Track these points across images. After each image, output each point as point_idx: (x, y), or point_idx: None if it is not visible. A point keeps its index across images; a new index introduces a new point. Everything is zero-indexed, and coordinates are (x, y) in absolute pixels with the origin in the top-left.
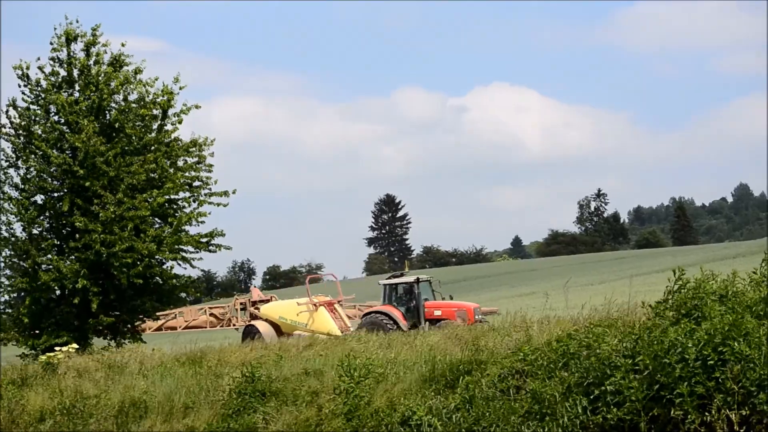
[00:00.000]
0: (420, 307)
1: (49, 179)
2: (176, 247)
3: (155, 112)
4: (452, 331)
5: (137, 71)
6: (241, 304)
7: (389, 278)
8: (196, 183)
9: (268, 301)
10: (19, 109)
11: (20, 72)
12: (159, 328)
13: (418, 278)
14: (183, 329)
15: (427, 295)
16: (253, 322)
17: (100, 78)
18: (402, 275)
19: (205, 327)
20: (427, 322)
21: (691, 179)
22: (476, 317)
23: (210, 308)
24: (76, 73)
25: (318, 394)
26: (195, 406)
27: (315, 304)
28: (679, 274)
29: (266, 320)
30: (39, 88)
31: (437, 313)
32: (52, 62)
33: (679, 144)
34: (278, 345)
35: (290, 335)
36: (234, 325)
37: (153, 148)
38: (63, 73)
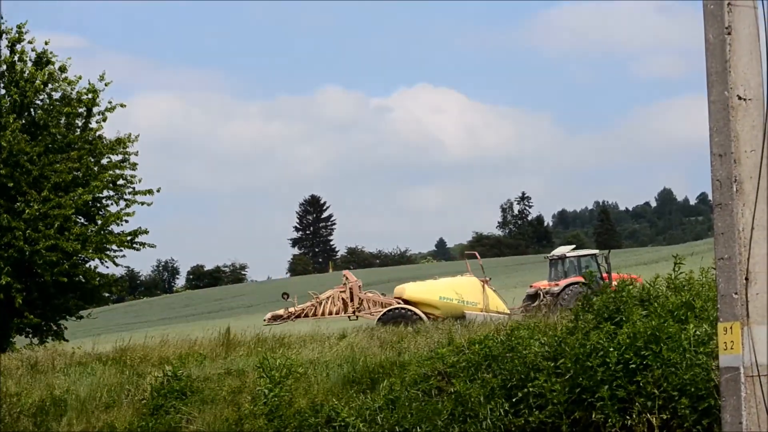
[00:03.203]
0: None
1: None
2: (101, 245)
3: (80, 110)
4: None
5: (62, 69)
6: (341, 291)
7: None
8: (120, 181)
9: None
10: None
11: None
12: (299, 315)
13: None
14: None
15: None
16: (396, 306)
17: (24, 75)
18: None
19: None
20: None
21: (614, 183)
22: None
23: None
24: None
25: (239, 393)
26: (116, 405)
27: (485, 281)
28: (589, 277)
29: (411, 302)
30: None
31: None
32: None
33: (601, 147)
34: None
35: (440, 318)
36: (357, 314)
37: (77, 146)
38: None
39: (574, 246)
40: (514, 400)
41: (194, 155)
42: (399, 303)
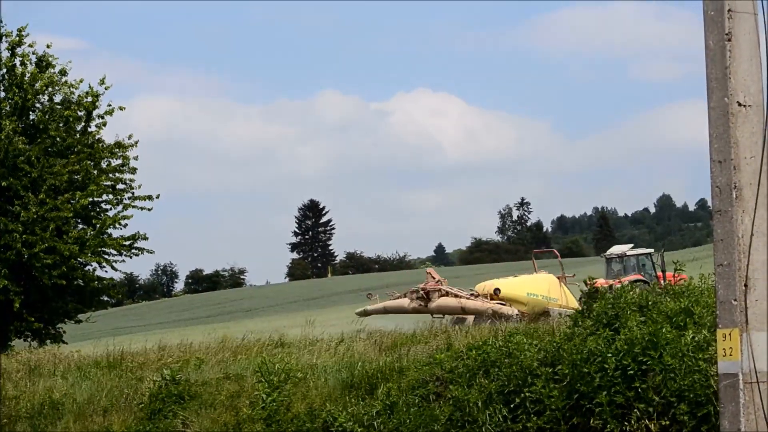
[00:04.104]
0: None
1: None
2: (99, 249)
3: (80, 113)
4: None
5: (63, 72)
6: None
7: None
8: (120, 186)
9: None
10: None
11: None
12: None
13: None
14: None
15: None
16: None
17: (25, 79)
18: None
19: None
20: None
21: (614, 189)
22: None
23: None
24: (0, 73)
25: (237, 397)
26: (114, 409)
27: (562, 278)
28: (591, 283)
29: (504, 299)
30: None
31: None
32: None
33: (600, 152)
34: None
35: (526, 315)
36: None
37: (77, 149)
38: None
39: (632, 245)
40: (512, 405)
41: (193, 158)
42: (493, 301)
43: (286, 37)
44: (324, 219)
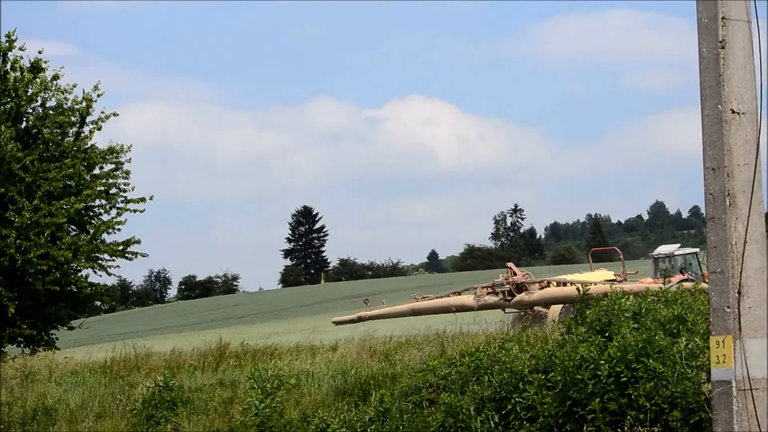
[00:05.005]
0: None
1: None
2: (93, 255)
3: (73, 119)
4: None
5: (55, 77)
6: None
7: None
8: (113, 190)
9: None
10: None
11: None
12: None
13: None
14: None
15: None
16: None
17: (18, 84)
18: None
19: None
20: None
21: (607, 196)
22: None
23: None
24: None
25: (230, 404)
26: (107, 415)
27: (624, 274)
28: (584, 291)
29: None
30: None
31: None
32: None
33: (593, 160)
34: None
35: None
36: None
37: (70, 155)
38: None
39: (679, 245)
40: (504, 412)
41: (187, 165)
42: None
43: (279, 45)
44: (317, 225)
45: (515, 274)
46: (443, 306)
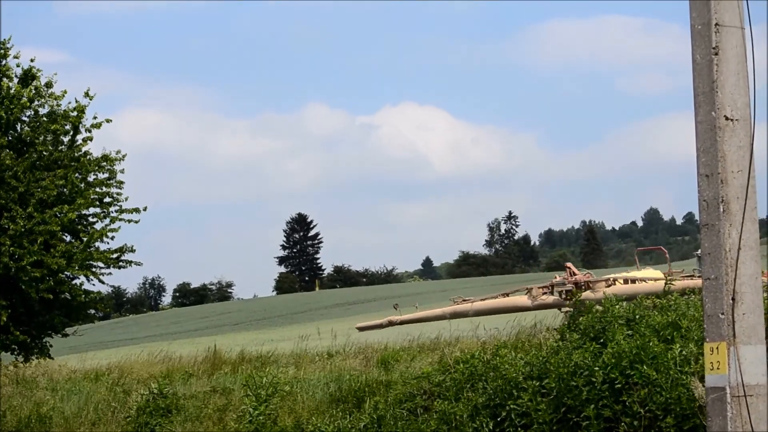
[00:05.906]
0: None
1: None
2: (86, 263)
3: (66, 126)
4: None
5: (48, 85)
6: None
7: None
8: (107, 199)
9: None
10: None
11: None
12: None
13: None
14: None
15: None
16: None
17: (10, 92)
18: None
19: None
20: None
21: (601, 202)
22: None
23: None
24: None
25: (225, 411)
26: (102, 422)
27: (670, 273)
28: (576, 299)
29: None
30: None
31: None
32: None
33: (588, 166)
34: None
35: None
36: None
37: (63, 163)
38: None
39: None
40: (498, 419)
41: (181, 172)
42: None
43: (274, 51)
44: (312, 232)
45: (575, 274)
46: (495, 307)
